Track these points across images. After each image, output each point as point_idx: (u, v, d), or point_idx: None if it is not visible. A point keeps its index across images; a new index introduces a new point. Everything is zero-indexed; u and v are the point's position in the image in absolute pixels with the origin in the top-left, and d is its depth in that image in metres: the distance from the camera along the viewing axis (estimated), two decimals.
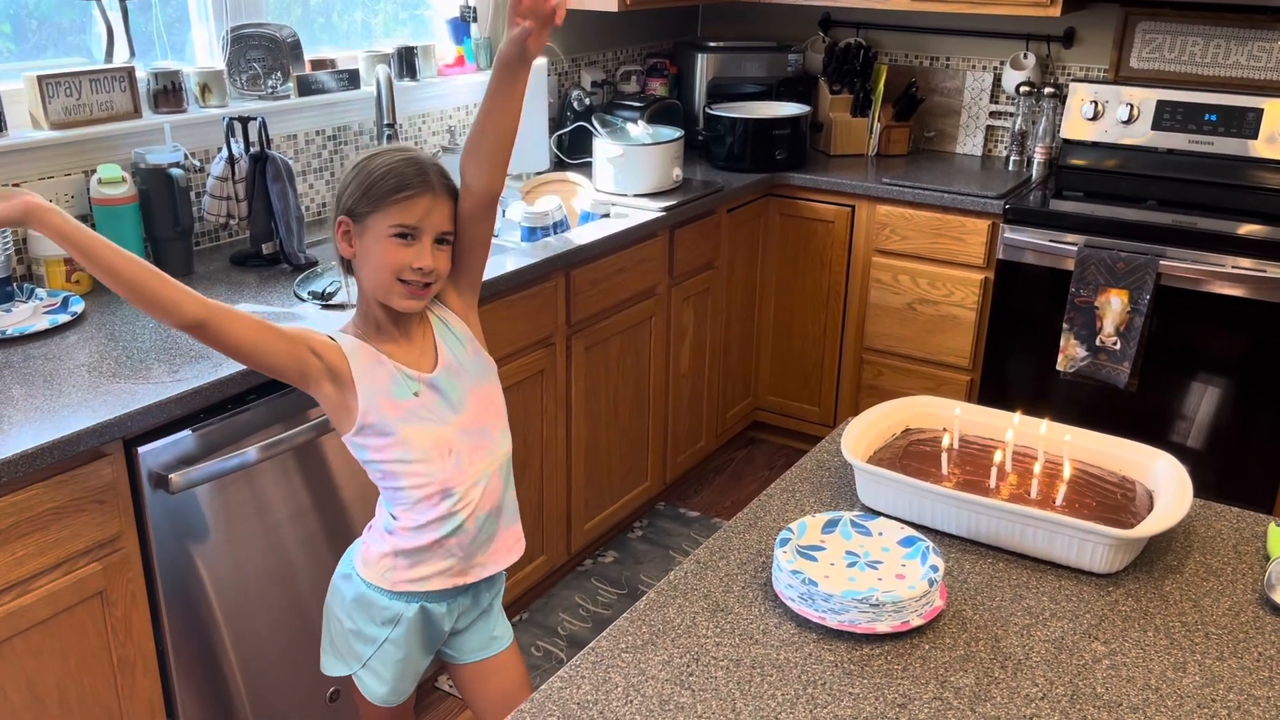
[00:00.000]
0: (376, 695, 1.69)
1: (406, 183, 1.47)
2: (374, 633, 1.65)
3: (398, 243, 1.48)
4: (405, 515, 1.59)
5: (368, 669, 1.68)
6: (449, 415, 1.57)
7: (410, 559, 1.60)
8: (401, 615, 1.63)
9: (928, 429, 1.66)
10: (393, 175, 1.47)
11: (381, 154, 1.51)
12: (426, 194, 1.48)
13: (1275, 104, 3.15)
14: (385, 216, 1.47)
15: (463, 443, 1.58)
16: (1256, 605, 1.34)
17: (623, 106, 3.42)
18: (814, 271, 3.47)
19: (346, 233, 1.51)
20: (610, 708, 1.15)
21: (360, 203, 1.48)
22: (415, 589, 1.62)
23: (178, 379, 1.78)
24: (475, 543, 1.62)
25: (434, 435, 1.55)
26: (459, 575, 1.63)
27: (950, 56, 3.70)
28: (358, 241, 1.50)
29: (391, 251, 1.48)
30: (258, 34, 2.53)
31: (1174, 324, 2.93)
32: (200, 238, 2.49)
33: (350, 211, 1.49)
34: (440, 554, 1.60)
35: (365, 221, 1.48)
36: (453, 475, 1.57)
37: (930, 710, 1.15)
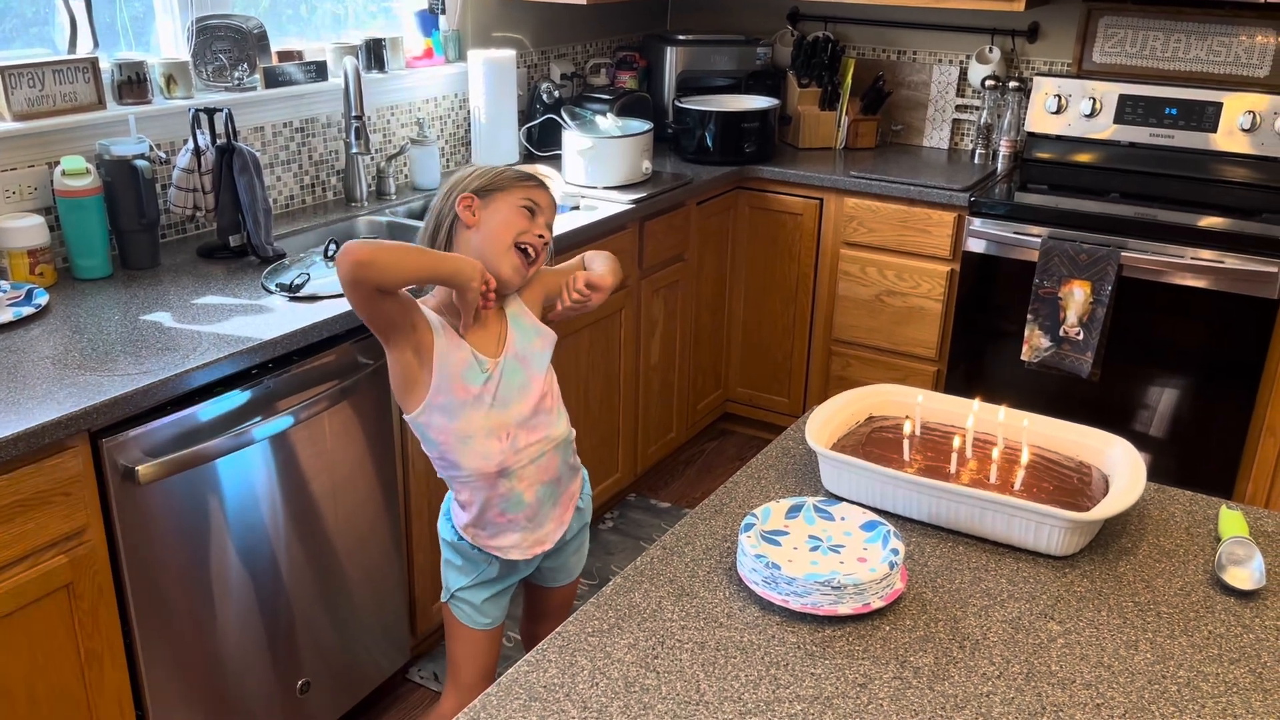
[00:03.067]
0: (472, 619, 1.81)
1: (529, 177, 1.70)
2: (469, 568, 1.78)
3: (526, 214, 1.66)
4: (465, 491, 1.70)
5: (461, 598, 1.80)
6: (512, 400, 1.67)
7: (486, 530, 1.73)
8: (491, 561, 1.76)
9: (890, 416, 1.69)
10: (517, 171, 1.70)
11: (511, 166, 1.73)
12: (545, 190, 1.70)
13: (1234, 98, 3.21)
14: (515, 194, 1.66)
15: (520, 427, 1.68)
16: (1207, 585, 1.37)
17: (592, 99, 3.43)
18: (783, 264, 3.50)
19: (469, 206, 1.64)
20: (576, 690, 1.17)
21: (489, 185, 1.66)
22: (498, 554, 1.74)
23: (144, 371, 1.78)
24: (538, 515, 1.74)
25: (496, 419, 1.65)
26: (536, 545, 1.76)
27: (917, 50, 3.73)
28: (482, 212, 1.64)
29: (519, 218, 1.65)
30: (223, 25, 2.52)
31: (1136, 314, 2.98)
32: (166, 230, 2.48)
33: (476, 190, 1.65)
34: (508, 528, 1.72)
35: (492, 196, 1.65)
36: (509, 457, 1.67)
37: (890, 689, 1.17)
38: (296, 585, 2.12)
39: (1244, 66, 3.27)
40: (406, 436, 2.32)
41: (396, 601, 2.39)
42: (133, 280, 2.23)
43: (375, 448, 2.23)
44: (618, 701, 1.15)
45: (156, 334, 1.94)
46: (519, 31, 3.43)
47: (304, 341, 2.01)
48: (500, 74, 3.10)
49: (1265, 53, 3.23)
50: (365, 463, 2.22)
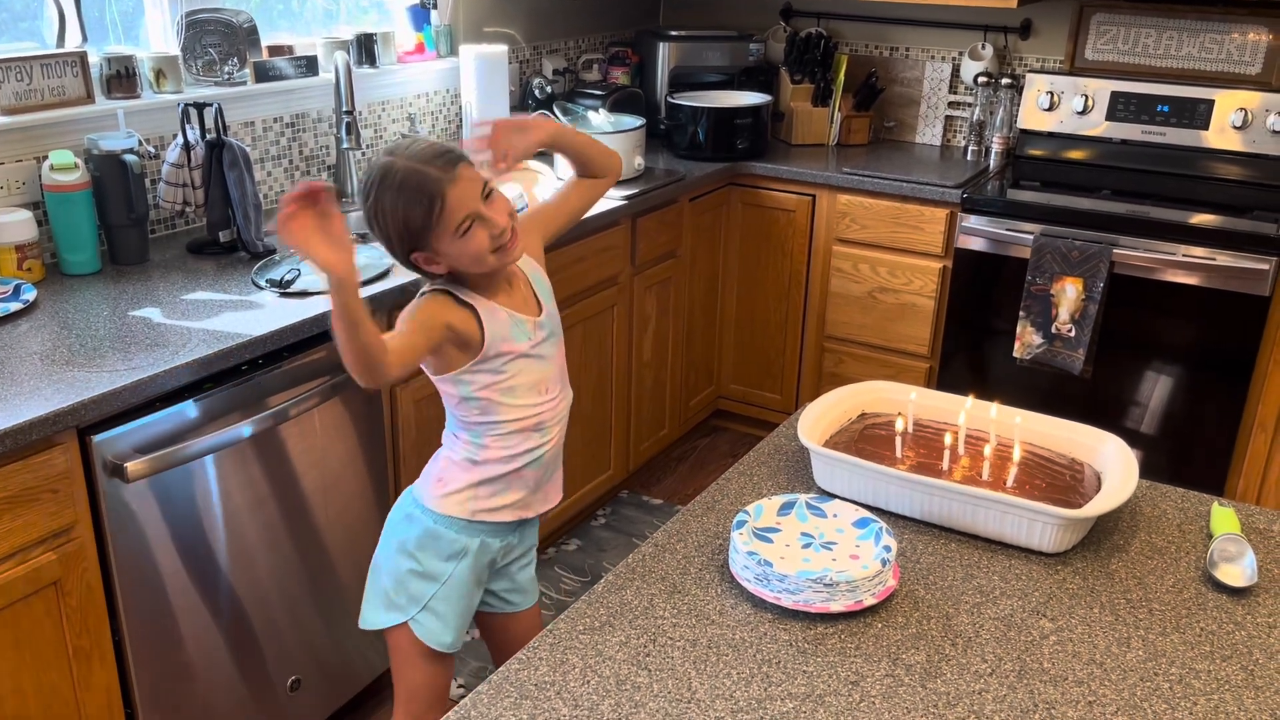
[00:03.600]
0: (439, 639, 1.72)
1: (429, 196, 1.49)
2: (440, 569, 1.70)
3: (467, 237, 1.52)
4: (495, 444, 1.66)
5: (429, 611, 1.71)
6: (550, 355, 1.69)
7: (492, 487, 1.68)
8: (467, 548, 1.70)
9: (883, 413, 1.69)
10: (414, 200, 1.49)
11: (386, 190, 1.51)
12: (448, 188, 1.50)
13: (1226, 95, 3.21)
14: (443, 230, 1.52)
15: (555, 383, 1.71)
16: (1199, 582, 1.37)
17: (584, 95, 3.41)
18: (775, 260, 3.50)
19: (427, 259, 1.56)
20: (568, 688, 1.16)
21: (413, 238, 1.53)
22: (487, 519, 1.69)
23: (133, 367, 1.76)
24: (544, 477, 1.74)
25: (540, 373, 1.67)
26: (523, 508, 1.73)
27: (910, 47, 3.73)
28: (440, 257, 1.55)
29: (470, 244, 1.53)
30: (213, 19, 2.50)
31: (1127, 311, 2.98)
32: (156, 225, 2.46)
33: (414, 247, 1.54)
34: (518, 484, 1.70)
35: (431, 246, 1.54)
36: (547, 411, 1.69)
37: (882, 687, 1.17)
38: (286, 582, 2.11)
39: (1236, 64, 3.27)
40: (398, 432, 2.32)
41: None
42: (121, 276, 2.22)
43: (366, 444, 2.22)
44: (609, 699, 1.14)
45: (145, 330, 1.92)
46: (511, 26, 3.42)
47: (294, 338, 2.00)
48: (492, 69, 3.09)
49: (1257, 50, 3.24)
50: (356, 459, 2.21)
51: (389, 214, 1.51)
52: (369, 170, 1.54)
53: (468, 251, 1.53)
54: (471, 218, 1.51)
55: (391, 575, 1.72)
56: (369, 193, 1.53)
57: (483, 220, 1.52)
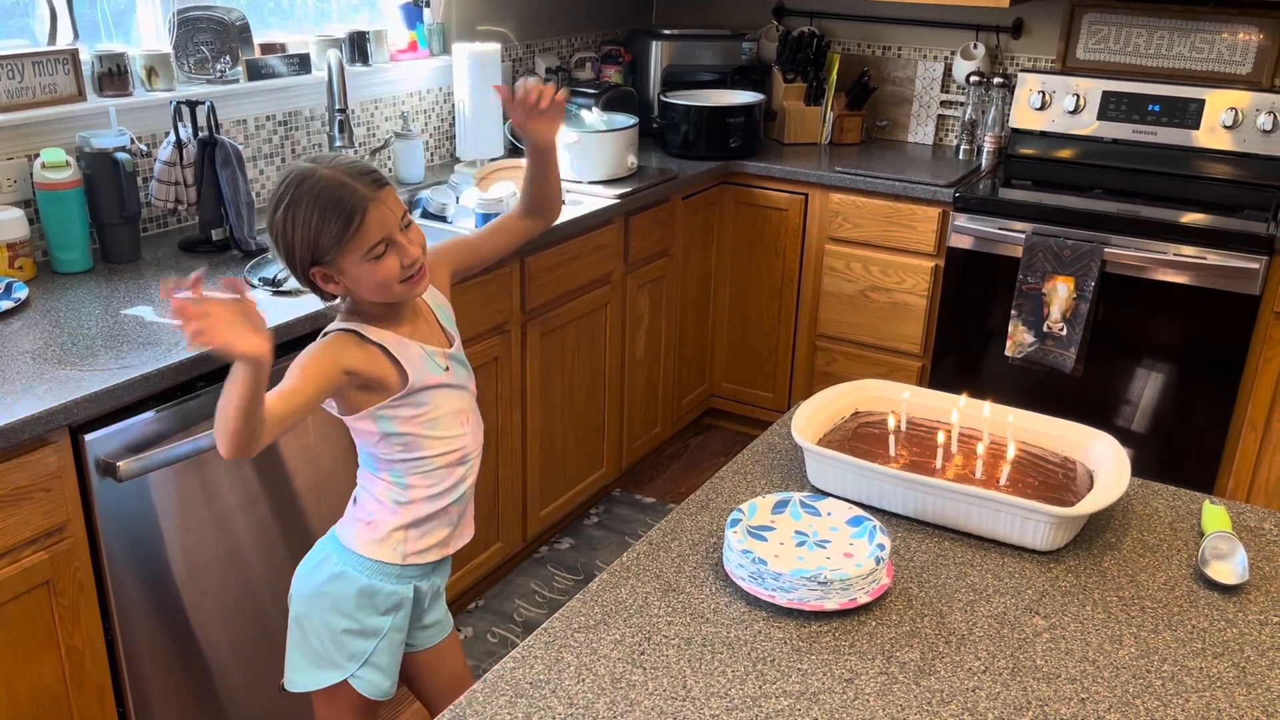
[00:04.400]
0: (380, 689, 1.68)
1: (349, 211, 1.44)
2: (377, 624, 1.65)
3: (378, 262, 1.47)
4: (420, 482, 1.63)
5: (370, 665, 1.66)
6: (464, 384, 1.67)
7: (420, 529, 1.65)
8: (403, 599, 1.67)
9: (876, 412, 1.69)
10: (332, 212, 1.44)
11: (299, 202, 1.45)
12: (370, 207, 1.46)
13: (1216, 95, 3.23)
14: (354, 250, 1.46)
15: (472, 414, 1.68)
16: (1191, 580, 1.38)
17: (577, 93, 3.41)
18: (768, 259, 3.50)
19: (326, 277, 1.50)
20: (563, 686, 1.16)
21: (319, 252, 1.46)
22: (417, 560, 1.66)
23: (125, 366, 1.76)
24: (464, 511, 1.72)
25: (458, 405, 1.64)
26: (444, 545, 1.70)
27: (902, 46, 3.74)
28: (341, 278, 1.50)
29: (380, 270, 1.48)
30: (205, 16, 2.50)
31: (1119, 310, 2.99)
32: (148, 223, 2.46)
33: (315, 262, 1.48)
34: (443, 521, 1.67)
35: (336, 263, 1.47)
36: (469, 442, 1.67)
37: (876, 684, 1.18)
38: (279, 581, 2.10)
39: (1226, 63, 3.29)
40: None
41: None
42: (113, 274, 2.21)
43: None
44: (604, 698, 1.15)
45: (138, 328, 1.92)
46: (504, 25, 3.42)
47: (287, 336, 1.99)
48: (485, 67, 3.08)
49: (1247, 50, 3.25)
50: (349, 457, 2.20)
51: (300, 223, 1.44)
52: (285, 174, 1.48)
53: (375, 277, 1.47)
54: (386, 242, 1.46)
55: (324, 636, 1.65)
56: (282, 197, 1.46)
57: (397, 247, 1.48)
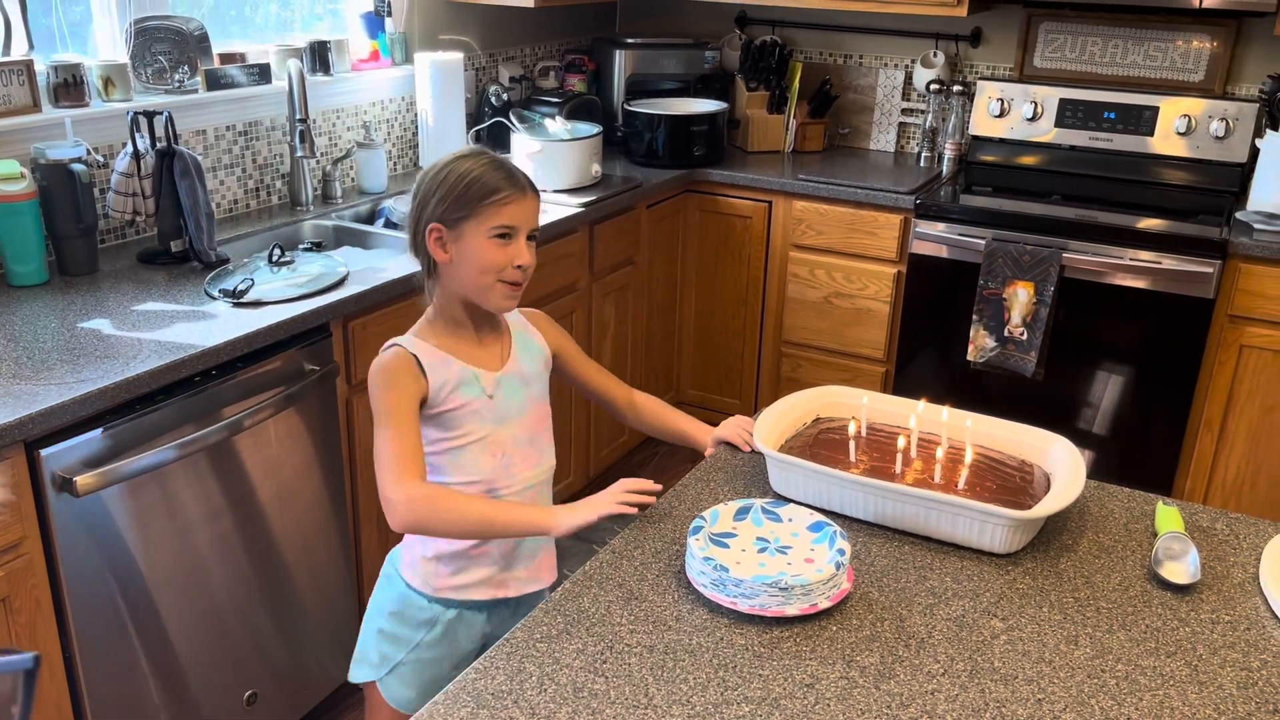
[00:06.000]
0: (402, 700, 1.65)
1: (499, 186, 1.50)
2: (408, 635, 1.63)
3: (498, 243, 1.50)
4: None
5: (395, 674, 1.64)
6: (509, 417, 1.59)
7: (452, 565, 1.60)
8: (439, 618, 1.62)
9: (837, 418, 1.71)
10: (485, 180, 1.50)
11: (463, 160, 1.52)
12: (519, 195, 1.51)
13: (1170, 102, 3.28)
14: (483, 220, 1.49)
15: (514, 448, 1.60)
16: (1144, 580, 1.40)
17: (541, 102, 3.42)
18: (733, 266, 3.52)
19: (439, 239, 1.51)
20: (525, 696, 1.16)
21: (454, 208, 1.49)
22: (457, 596, 1.62)
23: (81, 379, 1.74)
24: (517, 554, 1.63)
25: (491, 435, 1.57)
26: (498, 587, 1.63)
27: (863, 54, 3.78)
28: (453, 246, 1.51)
29: (493, 252, 1.50)
30: (163, 26, 2.48)
31: (1078, 314, 3.04)
32: (106, 235, 2.43)
33: (443, 218, 1.50)
34: (482, 561, 1.61)
35: (461, 226, 1.49)
36: (500, 476, 1.58)
37: (837, 689, 1.18)
38: (242, 594, 2.09)
39: (1179, 71, 3.35)
40: (355, 441, 2.30)
41: (346, 608, 2.37)
42: (70, 287, 2.18)
43: (322, 453, 2.21)
44: (566, 707, 1.15)
45: (95, 342, 1.90)
46: (466, 34, 3.42)
47: (248, 348, 1.98)
48: (448, 77, 3.08)
49: (1200, 58, 3.31)
50: (312, 468, 2.19)
51: (459, 173, 1.49)
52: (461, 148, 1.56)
53: (486, 257, 1.50)
54: (513, 233, 1.51)
55: (370, 631, 1.68)
56: (453, 156, 1.52)
57: (518, 245, 1.52)
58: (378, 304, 2.28)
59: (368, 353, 2.28)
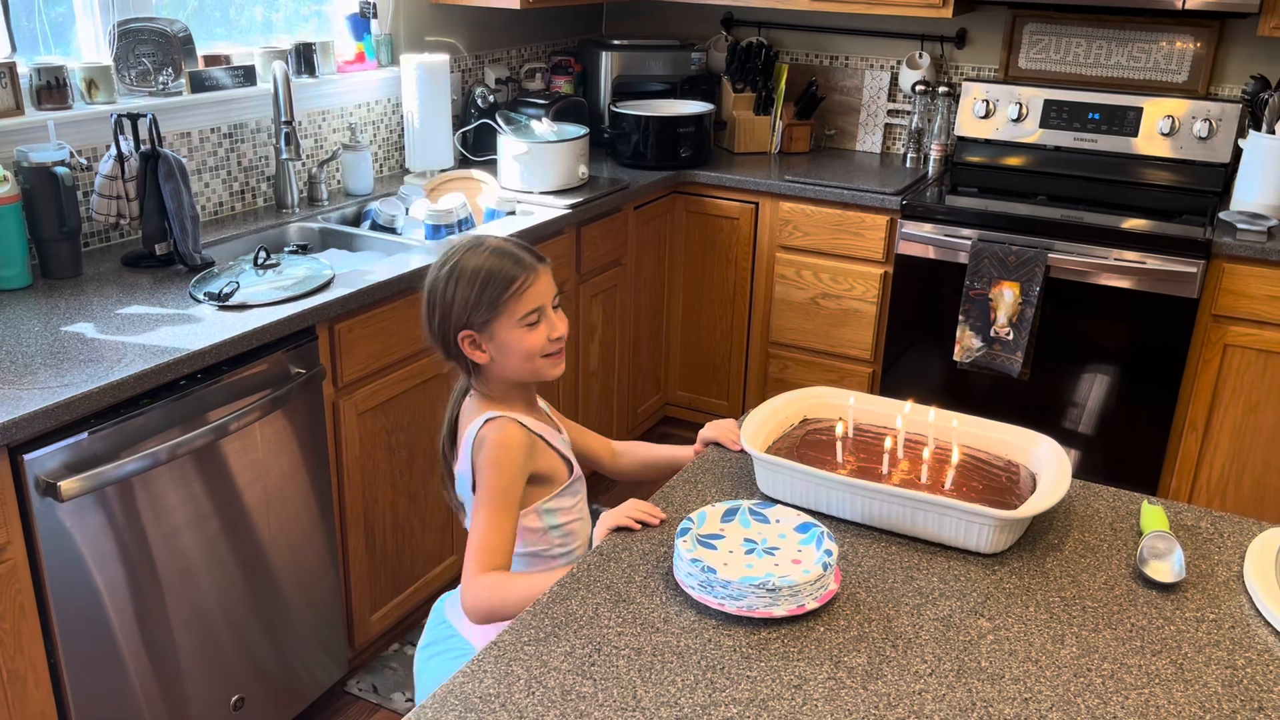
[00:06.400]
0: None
1: (513, 276, 1.52)
2: None
3: (530, 330, 1.54)
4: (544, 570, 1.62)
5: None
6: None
7: None
8: None
9: (824, 419, 1.71)
10: (499, 274, 1.52)
11: (469, 256, 1.53)
12: (534, 275, 1.54)
13: (1154, 103, 3.30)
14: (510, 314, 1.53)
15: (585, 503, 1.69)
16: (1130, 579, 1.41)
17: (527, 104, 3.42)
18: (720, 268, 3.52)
19: (473, 343, 1.54)
20: (513, 699, 1.16)
21: (477, 312, 1.52)
22: None
23: (65, 384, 1.73)
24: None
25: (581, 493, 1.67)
26: None
27: (849, 56, 3.78)
28: (489, 345, 1.54)
29: (529, 338, 1.54)
30: (147, 28, 2.47)
31: (1064, 314, 3.05)
32: (90, 238, 2.42)
33: (470, 324, 1.53)
34: None
35: (490, 327, 1.53)
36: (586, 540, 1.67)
37: (825, 690, 1.19)
38: (229, 599, 2.08)
39: (1163, 72, 3.37)
40: (341, 445, 2.30)
41: (333, 613, 2.36)
42: (54, 290, 2.17)
43: (309, 457, 2.20)
44: (554, 710, 1.14)
45: (79, 345, 1.89)
46: (453, 36, 3.41)
47: (233, 351, 1.97)
48: (434, 78, 3.08)
49: (1183, 58, 3.33)
50: (299, 472, 2.18)
51: (465, 280, 1.51)
52: (450, 244, 1.58)
53: (524, 345, 1.53)
54: (540, 312, 1.54)
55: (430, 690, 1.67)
56: (448, 259, 1.54)
57: (548, 321, 1.55)
58: (364, 306, 2.27)
59: (354, 355, 2.27)
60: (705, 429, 1.78)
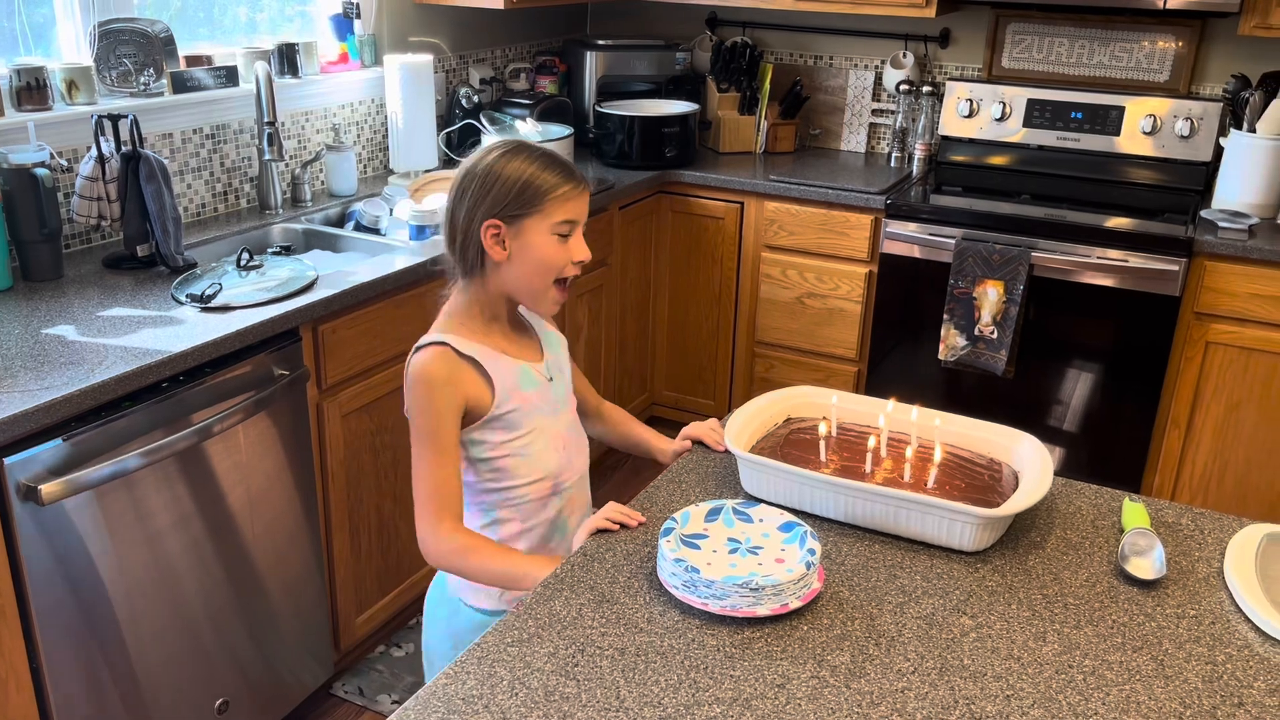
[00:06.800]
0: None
1: (561, 181, 1.46)
2: None
3: (560, 241, 1.47)
4: (512, 516, 1.57)
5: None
6: (561, 407, 1.59)
7: None
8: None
9: (808, 418, 1.71)
10: (547, 175, 1.45)
11: (516, 155, 1.46)
12: (579, 189, 1.48)
13: (1136, 102, 3.32)
14: (548, 215, 1.45)
15: (569, 437, 1.60)
16: (1111, 576, 1.41)
17: (512, 104, 3.41)
18: (706, 267, 3.53)
19: (497, 235, 1.46)
20: (495, 701, 1.16)
21: (514, 205, 1.44)
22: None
23: (45, 386, 1.72)
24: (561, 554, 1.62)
25: (552, 427, 1.57)
26: None
27: (833, 55, 3.79)
28: (513, 243, 1.46)
29: (554, 248, 1.47)
30: (128, 29, 2.45)
31: (1047, 313, 3.06)
32: (70, 240, 2.40)
33: (502, 215, 1.45)
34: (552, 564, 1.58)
35: (522, 223, 1.45)
36: (565, 470, 1.58)
37: (808, 689, 1.19)
38: (213, 601, 2.07)
39: (1145, 71, 3.38)
40: (325, 447, 2.29)
41: (318, 615, 2.35)
42: (34, 292, 2.16)
43: (293, 459, 2.19)
44: (537, 711, 1.14)
45: (59, 348, 1.88)
46: (437, 36, 3.40)
47: (216, 353, 1.97)
48: (418, 78, 3.07)
49: (1165, 58, 3.35)
50: (284, 474, 2.18)
51: (520, 165, 1.44)
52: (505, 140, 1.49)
53: (547, 253, 1.46)
54: (574, 226, 1.48)
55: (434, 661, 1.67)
56: (499, 148, 1.46)
57: (575, 239, 1.49)
58: (348, 307, 2.26)
59: (338, 357, 2.27)
60: (688, 428, 1.76)
